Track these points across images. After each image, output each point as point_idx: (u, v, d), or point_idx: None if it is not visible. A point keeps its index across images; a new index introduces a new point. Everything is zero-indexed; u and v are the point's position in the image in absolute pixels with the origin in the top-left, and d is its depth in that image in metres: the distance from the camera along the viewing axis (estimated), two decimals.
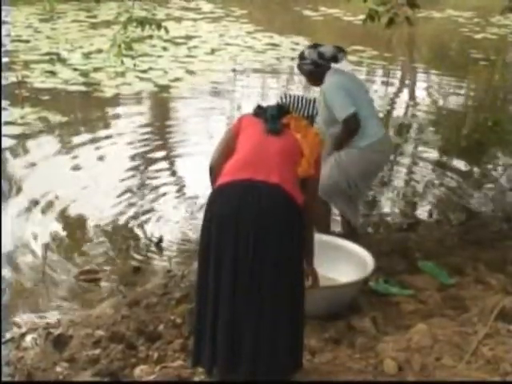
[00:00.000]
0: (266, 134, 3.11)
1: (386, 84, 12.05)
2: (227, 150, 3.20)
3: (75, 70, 10.80)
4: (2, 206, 5.75)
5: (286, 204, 2.99)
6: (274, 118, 3.14)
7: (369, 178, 4.83)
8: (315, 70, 4.66)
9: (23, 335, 3.94)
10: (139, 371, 3.42)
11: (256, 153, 3.07)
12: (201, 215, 3.24)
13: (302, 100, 3.34)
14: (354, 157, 4.55)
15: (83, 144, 7.69)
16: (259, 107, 3.25)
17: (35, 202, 5.92)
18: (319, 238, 4.32)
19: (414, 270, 4.59)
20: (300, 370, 3.19)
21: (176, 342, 3.68)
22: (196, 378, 3.31)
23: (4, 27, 12.85)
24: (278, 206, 2.97)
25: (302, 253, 3.12)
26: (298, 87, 10.32)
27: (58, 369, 3.52)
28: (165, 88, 10.17)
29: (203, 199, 5.89)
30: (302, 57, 4.72)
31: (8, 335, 3.93)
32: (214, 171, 3.23)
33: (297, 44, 13.73)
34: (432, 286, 4.33)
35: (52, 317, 4.21)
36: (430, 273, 4.51)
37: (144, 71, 10.90)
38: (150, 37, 12.02)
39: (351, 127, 4.49)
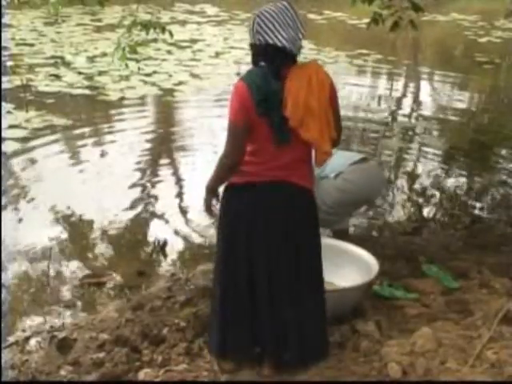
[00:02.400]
0: (277, 145, 3.02)
1: (391, 87, 12.06)
2: (243, 145, 3.03)
3: (80, 73, 10.84)
4: (6, 209, 5.77)
5: (309, 201, 3.22)
6: (281, 126, 2.97)
7: (346, 205, 5.00)
8: None
9: (27, 339, 3.94)
10: (143, 375, 3.43)
11: (272, 161, 3.07)
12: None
13: (279, 27, 2.94)
14: (327, 187, 4.79)
15: (87, 147, 7.71)
16: (262, 100, 2.94)
17: (39, 205, 5.95)
18: (324, 241, 4.33)
19: (419, 273, 4.58)
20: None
21: (180, 345, 3.68)
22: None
23: (8, 30, 12.91)
24: (303, 204, 3.18)
25: (319, 235, 3.33)
26: None
27: (62, 372, 3.53)
28: (169, 91, 10.18)
29: None
30: None
31: (12, 339, 3.94)
32: (237, 167, 3.09)
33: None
34: (436, 289, 4.32)
35: (56, 320, 4.22)
36: (434, 276, 4.50)
37: (148, 75, 10.93)
38: (155, 40, 12.05)
39: None
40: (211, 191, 3.28)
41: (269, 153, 3.05)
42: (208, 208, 3.33)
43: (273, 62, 2.99)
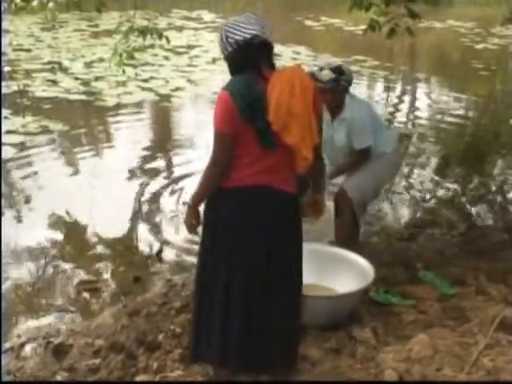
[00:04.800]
0: (264, 150, 3.02)
1: (387, 94, 12.07)
2: (231, 151, 3.02)
3: (77, 79, 10.85)
4: (3, 214, 5.76)
5: (294, 207, 3.19)
6: (266, 131, 2.95)
7: (389, 180, 5.48)
8: (337, 91, 4.61)
9: (23, 344, 3.93)
10: (139, 381, 3.42)
11: (255, 165, 3.05)
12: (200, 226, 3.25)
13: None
14: (383, 163, 4.80)
15: (84, 153, 7.71)
16: (246, 107, 2.94)
17: (35, 210, 5.95)
18: (319, 248, 4.33)
19: (415, 280, 4.58)
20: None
21: (175, 351, 3.67)
22: None
23: (5, 36, 12.91)
24: (289, 210, 3.16)
25: (301, 242, 3.29)
26: None
27: (58, 378, 3.52)
28: (166, 97, 10.19)
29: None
30: (340, 73, 4.61)
31: (8, 344, 3.92)
32: (224, 176, 3.07)
33: (298, 53, 13.78)
34: (433, 296, 4.32)
35: (52, 326, 4.21)
36: (430, 283, 4.50)
37: (145, 80, 10.94)
38: (152, 46, 12.07)
39: (364, 158, 4.75)
40: (194, 207, 3.23)
41: (253, 157, 3.03)
42: (189, 225, 3.27)
43: (249, 58, 2.99)
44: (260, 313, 3.13)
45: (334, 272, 4.14)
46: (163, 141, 8.55)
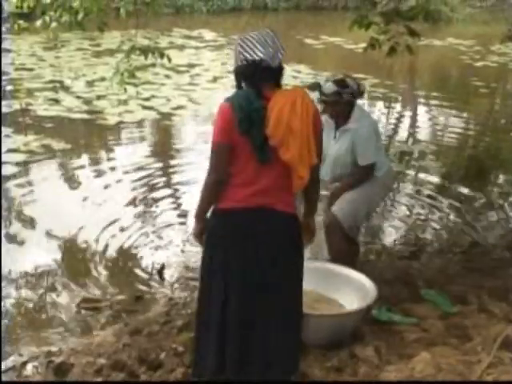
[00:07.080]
0: (259, 164, 3.04)
1: (388, 111, 12.11)
2: (227, 162, 3.06)
3: (78, 97, 10.89)
4: (4, 233, 5.76)
5: (293, 227, 3.18)
6: (262, 144, 2.99)
7: (382, 202, 5.45)
8: (339, 104, 4.52)
9: (24, 363, 3.92)
10: (140, 381, 3.41)
11: (254, 183, 3.07)
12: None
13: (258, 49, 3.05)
14: (375, 187, 4.66)
15: (86, 172, 7.72)
16: (243, 118, 2.98)
17: (36, 229, 5.95)
18: (322, 265, 4.33)
19: (417, 298, 4.57)
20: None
21: (178, 370, 3.66)
22: None
23: (7, 55, 12.98)
24: (287, 231, 3.16)
25: (302, 263, 3.27)
26: None
27: None
28: (167, 116, 10.22)
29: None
30: (342, 86, 4.50)
31: (9, 363, 3.91)
32: (222, 186, 3.10)
33: (298, 72, 13.83)
34: (435, 314, 4.31)
35: (53, 345, 4.20)
36: (432, 301, 4.49)
37: (147, 99, 10.98)
38: (153, 65, 12.11)
39: (367, 176, 4.62)
40: (200, 219, 3.26)
41: (250, 174, 3.05)
42: (198, 236, 3.31)
43: (253, 77, 3.05)
44: (258, 329, 3.13)
45: (336, 290, 4.13)
46: (164, 159, 8.56)
